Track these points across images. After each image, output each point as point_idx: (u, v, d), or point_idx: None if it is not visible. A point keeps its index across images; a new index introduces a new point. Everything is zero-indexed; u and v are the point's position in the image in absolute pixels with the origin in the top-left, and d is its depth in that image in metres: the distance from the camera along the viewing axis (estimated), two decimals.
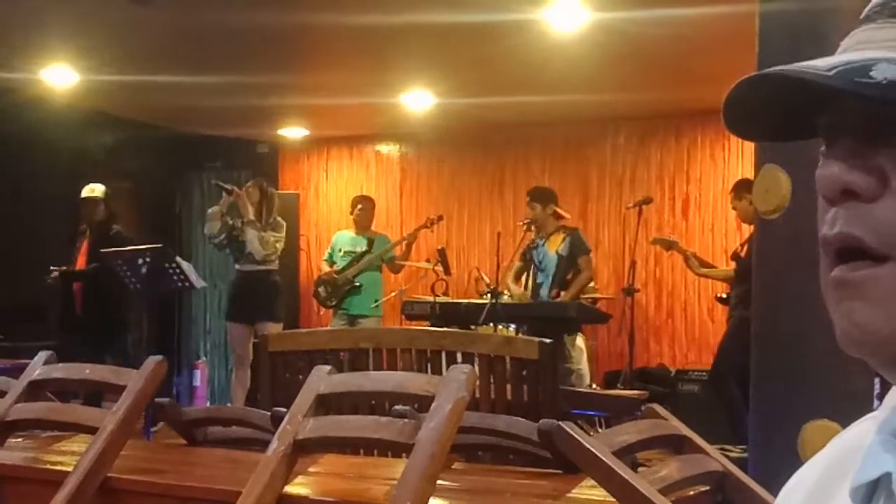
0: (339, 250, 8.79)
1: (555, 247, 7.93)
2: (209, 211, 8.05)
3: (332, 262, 8.80)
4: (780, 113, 0.73)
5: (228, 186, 7.91)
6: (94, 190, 7.87)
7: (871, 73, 0.64)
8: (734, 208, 7.39)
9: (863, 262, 0.67)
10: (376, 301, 8.65)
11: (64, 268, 7.75)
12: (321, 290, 8.71)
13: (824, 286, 0.71)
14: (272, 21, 6.52)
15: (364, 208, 8.91)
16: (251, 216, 7.80)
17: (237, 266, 8.01)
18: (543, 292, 7.93)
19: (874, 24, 0.70)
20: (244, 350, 7.83)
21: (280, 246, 7.99)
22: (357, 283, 8.57)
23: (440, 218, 9.07)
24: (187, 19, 6.55)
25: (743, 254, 6.97)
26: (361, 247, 8.73)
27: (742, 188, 7.02)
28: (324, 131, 10.68)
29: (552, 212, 8.07)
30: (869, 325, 0.67)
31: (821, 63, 0.66)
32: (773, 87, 0.69)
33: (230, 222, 7.83)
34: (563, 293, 7.79)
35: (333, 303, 8.63)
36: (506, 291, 8.06)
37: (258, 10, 6.43)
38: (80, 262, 7.83)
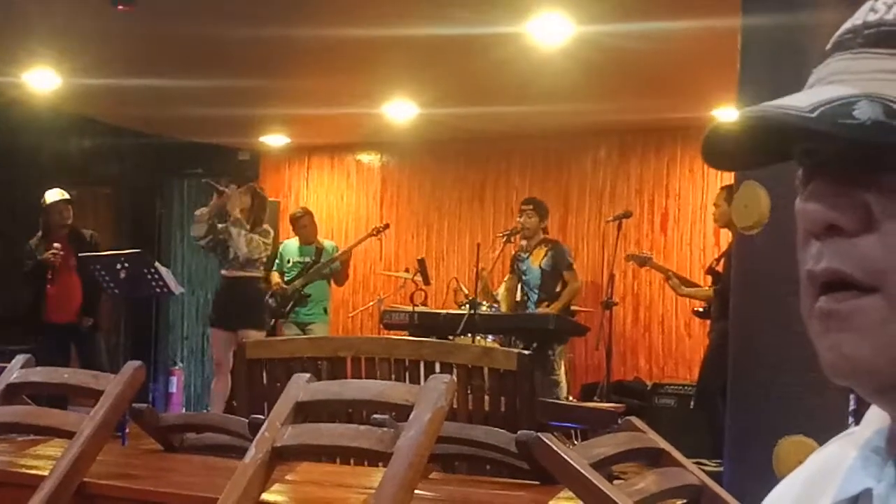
0: (288, 261, 8.78)
1: (538, 261, 7.96)
2: (197, 212, 7.87)
3: (281, 272, 8.78)
4: (759, 146, 0.72)
5: (220, 186, 7.74)
6: (64, 193, 7.78)
7: (855, 114, 0.63)
8: (716, 206, 6.99)
9: (849, 293, 0.66)
10: (325, 309, 8.72)
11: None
12: (271, 300, 8.68)
13: (807, 316, 0.70)
14: (256, 30, 6.52)
15: (308, 223, 8.90)
16: (237, 215, 7.60)
17: (222, 271, 7.86)
18: (530, 306, 7.94)
19: (849, 53, 0.68)
20: (224, 356, 7.61)
21: (267, 252, 7.90)
22: (305, 293, 8.59)
23: (386, 226, 9.16)
24: (171, 26, 6.54)
25: (719, 268, 6.92)
26: (310, 257, 8.75)
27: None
28: (305, 139, 10.68)
29: (544, 226, 8.12)
30: (857, 356, 0.66)
31: (803, 102, 0.65)
32: (752, 124, 0.68)
33: (217, 224, 7.63)
34: (550, 305, 7.81)
35: (283, 312, 8.65)
36: (495, 297, 8.13)
37: (242, 20, 6.42)
38: (70, 275, 7.70)
